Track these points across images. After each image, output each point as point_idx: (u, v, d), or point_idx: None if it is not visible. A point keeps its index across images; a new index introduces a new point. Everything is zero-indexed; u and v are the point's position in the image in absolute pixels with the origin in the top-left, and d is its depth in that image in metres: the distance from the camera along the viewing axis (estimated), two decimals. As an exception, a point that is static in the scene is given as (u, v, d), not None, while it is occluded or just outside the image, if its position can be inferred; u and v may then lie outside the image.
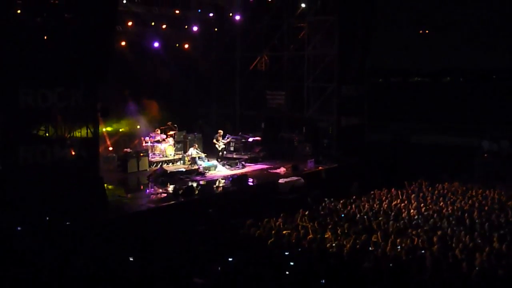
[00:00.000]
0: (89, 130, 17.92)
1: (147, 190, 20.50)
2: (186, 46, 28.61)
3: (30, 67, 16.44)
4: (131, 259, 13.16)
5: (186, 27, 27.94)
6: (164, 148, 25.49)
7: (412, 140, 35.66)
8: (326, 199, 19.84)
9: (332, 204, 19.30)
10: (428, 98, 59.30)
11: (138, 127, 26.40)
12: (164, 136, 25.82)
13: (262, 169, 25.26)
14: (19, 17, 16.41)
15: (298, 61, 29.24)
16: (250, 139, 27.34)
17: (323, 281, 11.91)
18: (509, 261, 12.95)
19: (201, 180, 22.50)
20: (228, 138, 26.78)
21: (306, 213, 17.58)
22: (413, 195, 20.48)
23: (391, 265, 12.88)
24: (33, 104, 16.48)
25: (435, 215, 17.37)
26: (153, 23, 26.45)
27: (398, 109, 49.55)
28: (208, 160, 25.02)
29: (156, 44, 26.92)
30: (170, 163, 25.36)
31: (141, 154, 24.19)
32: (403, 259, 13.26)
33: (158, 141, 25.53)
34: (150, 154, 24.97)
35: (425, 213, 17.73)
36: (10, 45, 16.16)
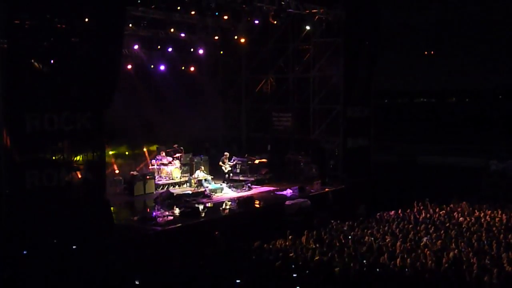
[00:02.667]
0: (95, 153, 17.90)
1: (154, 213, 20.46)
2: (192, 69, 28.76)
3: (37, 91, 16.51)
4: (137, 282, 13.12)
5: (192, 50, 28.12)
6: (170, 171, 25.51)
7: (418, 161, 35.62)
8: (332, 221, 19.78)
9: (339, 225, 19.22)
10: (434, 119, 59.31)
11: (144, 149, 26.44)
12: (171, 159, 25.85)
13: (268, 191, 25.20)
14: (26, 42, 16.52)
15: (304, 83, 29.30)
16: (257, 161, 27.34)
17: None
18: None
19: (208, 202, 22.49)
20: (234, 160, 26.77)
21: (313, 235, 17.51)
22: (420, 216, 20.39)
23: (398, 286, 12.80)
24: (39, 127, 16.49)
25: (443, 236, 17.27)
26: (159, 47, 26.67)
27: (404, 130, 49.58)
28: (215, 183, 24.99)
29: (162, 67, 27.09)
30: (177, 186, 25.34)
31: (148, 177, 24.19)
32: (411, 281, 13.17)
33: (164, 164, 25.56)
34: (157, 177, 24.99)
35: (433, 234, 17.64)
36: (17, 69, 16.27)
